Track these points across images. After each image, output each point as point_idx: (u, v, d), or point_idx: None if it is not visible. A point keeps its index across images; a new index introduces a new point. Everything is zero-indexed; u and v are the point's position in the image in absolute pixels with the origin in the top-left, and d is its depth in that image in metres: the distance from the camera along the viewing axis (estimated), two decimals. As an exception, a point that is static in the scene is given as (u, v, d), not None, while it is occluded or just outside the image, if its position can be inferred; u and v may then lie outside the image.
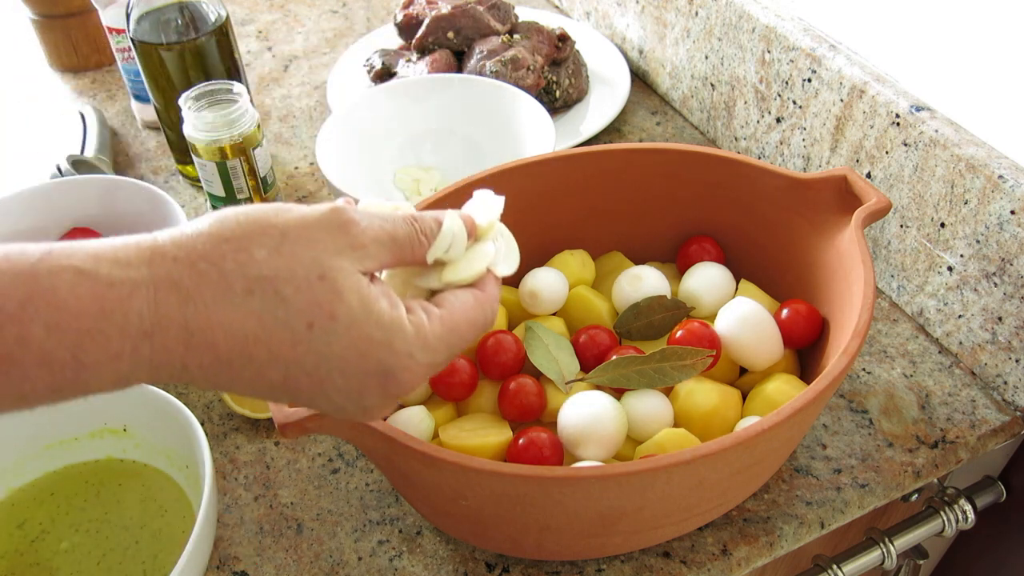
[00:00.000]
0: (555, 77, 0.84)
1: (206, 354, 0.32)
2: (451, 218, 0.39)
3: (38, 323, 0.29)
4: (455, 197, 0.57)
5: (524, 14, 0.92)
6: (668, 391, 0.54)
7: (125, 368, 0.31)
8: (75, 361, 0.29)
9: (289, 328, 0.32)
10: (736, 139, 0.79)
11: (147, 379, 0.32)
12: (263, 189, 0.70)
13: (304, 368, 0.33)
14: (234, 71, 0.75)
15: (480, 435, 0.52)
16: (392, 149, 0.78)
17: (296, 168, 0.83)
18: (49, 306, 0.29)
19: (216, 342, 0.32)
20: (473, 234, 0.41)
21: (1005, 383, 0.59)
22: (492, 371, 0.55)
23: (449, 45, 0.85)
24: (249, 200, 0.69)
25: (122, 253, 0.31)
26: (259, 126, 0.68)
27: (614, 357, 0.53)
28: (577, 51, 0.88)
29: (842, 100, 0.65)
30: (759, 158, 0.76)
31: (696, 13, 0.78)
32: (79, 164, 0.77)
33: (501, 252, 0.42)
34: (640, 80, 0.91)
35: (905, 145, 0.60)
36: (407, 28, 0.88)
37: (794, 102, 0.70)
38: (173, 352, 0.31)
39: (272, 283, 0.32)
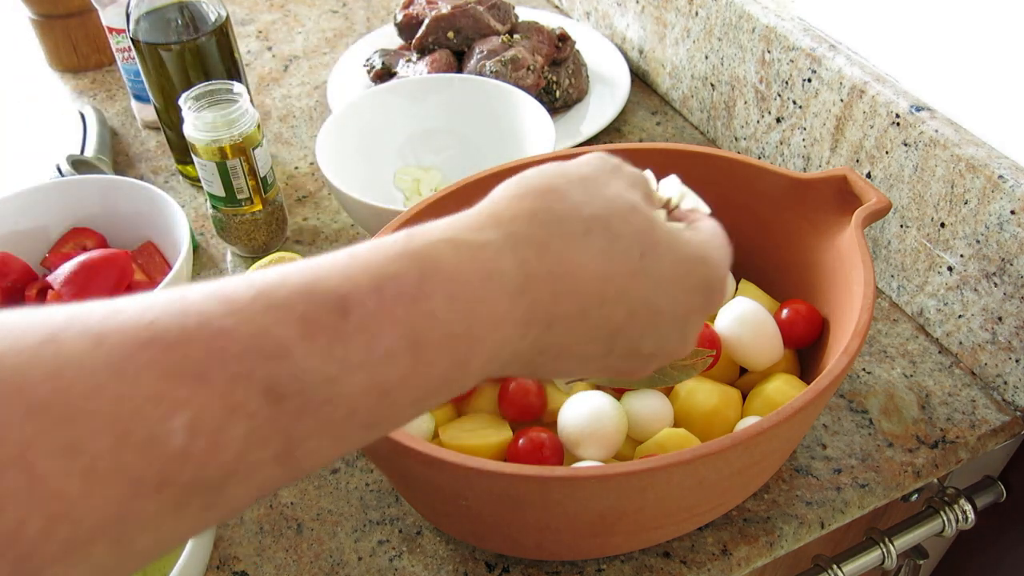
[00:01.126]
0: (555, 77, 0.84)
1: (570, 302, 0.31)
2: None
3: (440, 296, 0.27)
4: (455, 197, 0.57)
5: (524, 14, 0.92)
6: (668, 391, 0.54)
7: (499, 343, 0.29)
8: (468, 335, 0.28)
9: (628, 259, 0.33)
10: (736, 139, 0.79)
11: (509, 355, 0.30)
12: (263, 189, 0.70)
13: (644, 299, 0.34)
14: (234, 71, 0.75)
15: (480, 435, 0.52)
16: (392, 149, 0.78)
17: (296, 168, 0.83)
18: (444, 277, 0.28)
19: (577, 286, 0.31)
20: None
21: (1005, 383, 0.59)
22: (492, 371, 0.55)
23: (449, 45, 0.85)
24: (249, 200, 0.69)
25: (467, 221, 0.31)
26: (259, 126, 0.68)
27: (614, 357, 0.53)
28: (577, 51, 0.88)
29: (842, 100, 0.65)
30: (759, 158, 0.76)
31: (696, 13, 0.78)
32: (79, 164, 0.77)
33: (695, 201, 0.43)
34: (640, 80, 0.91)
35: (905, 145, 0.60)
36: (407, 28, 0.88)
37: (794, 102, 0.70)
38: (541, 304, 0.31)
39: (602, 220, 0.33)
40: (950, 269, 0.60)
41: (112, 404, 0.21)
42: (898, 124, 0.61)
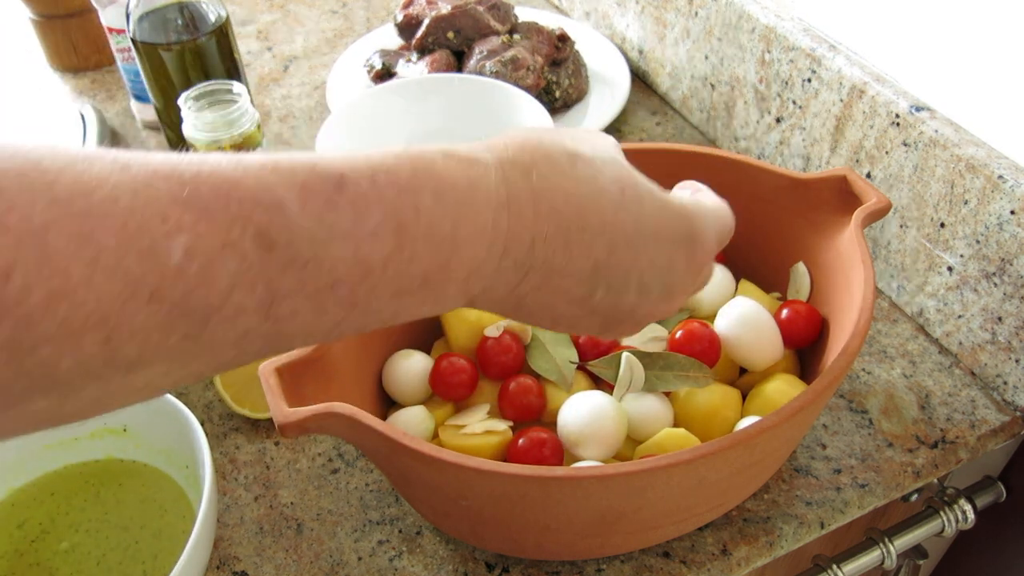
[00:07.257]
0: (555, 77, 0.84)
1: (551, 222, 0.33)
2: None
3: (427, 192, 0.30)
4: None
5: (524, 14, 0.92)
6: (668, 392, 0.54)
7: (482, 253, 0.31)
8: (451, 237, 0.30)
9: (608, 193, 0.35)
10: (736, 139, 0.79)
11: (491, 272, 0.32)
12: (263, 189, 0.70)
13: (625, 235, 0.35)
14: (234, 71, 0.75)
15: (480, 435, 0.52)
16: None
17: (296, 168, 0.83)
18: (432, 176, 0.30)
19: (558, 207, 0.33)
20: None
21: (1005, 383, 0.59)
22: (492, 371, 0.55)
23: (449, 45, 0.85)
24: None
25: (463, 145, 0.33)
26: (259, 126, 0.68)
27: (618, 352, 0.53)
28: (577, 51, 0.88)
29: (842, 100, 0.65)
30: (759, 158, 0.76)
31: (696, 13, 0.78)
32: (79, 164, 0.77)
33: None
34: (640, 80, 0.91)
35: (905, 145, 0.60)
36: (407, 28, 0.88)
37: (794, 102, 0.70)
38: (523, 221, 0.32)
39: (586, 157, 0.35)
40: (950, 269, 0.60)
41: (124, 213, 0.23)
42: (898, 124, 0.61)
